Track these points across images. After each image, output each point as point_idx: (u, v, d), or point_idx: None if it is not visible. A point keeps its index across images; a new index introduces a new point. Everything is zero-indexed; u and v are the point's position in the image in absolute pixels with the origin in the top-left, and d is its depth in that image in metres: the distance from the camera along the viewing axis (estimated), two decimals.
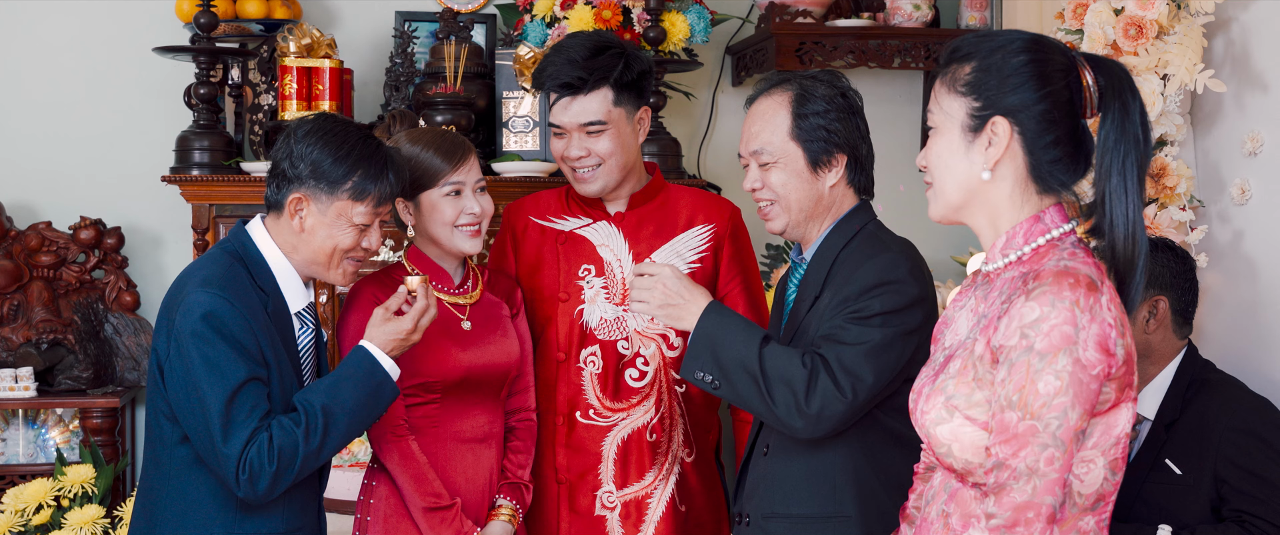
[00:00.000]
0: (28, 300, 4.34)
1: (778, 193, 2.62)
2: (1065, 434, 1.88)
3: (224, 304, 2.46)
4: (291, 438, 2.46)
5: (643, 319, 3.03)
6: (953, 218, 2.11)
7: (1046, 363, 1.88)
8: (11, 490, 3.86)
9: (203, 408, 2.45)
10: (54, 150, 4.49)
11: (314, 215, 2.57)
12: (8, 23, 4.47)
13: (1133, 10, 3.32)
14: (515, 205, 3.20)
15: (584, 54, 2.99)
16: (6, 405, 4.20)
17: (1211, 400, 2.94)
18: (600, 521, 3.08)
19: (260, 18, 4.28)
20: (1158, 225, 3.32)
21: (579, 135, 3.00)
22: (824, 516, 2.52)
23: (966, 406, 1.98)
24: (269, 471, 2.44)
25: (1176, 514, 2.86)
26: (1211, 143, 3.46)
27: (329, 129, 2.59)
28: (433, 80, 4.13)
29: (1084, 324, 1.88)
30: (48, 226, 4.37)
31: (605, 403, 3.06)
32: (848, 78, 2.73)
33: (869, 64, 4.37)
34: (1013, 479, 1.89)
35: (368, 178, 2.57)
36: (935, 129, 2.09)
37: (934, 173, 2.10)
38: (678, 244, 3.09)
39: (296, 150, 2.57)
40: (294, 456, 2.46)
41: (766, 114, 2.64)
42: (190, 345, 2.45)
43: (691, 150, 4.66)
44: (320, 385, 2.56)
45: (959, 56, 2.08)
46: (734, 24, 4.67)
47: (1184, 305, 3.02)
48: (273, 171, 2.61)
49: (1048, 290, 1.90)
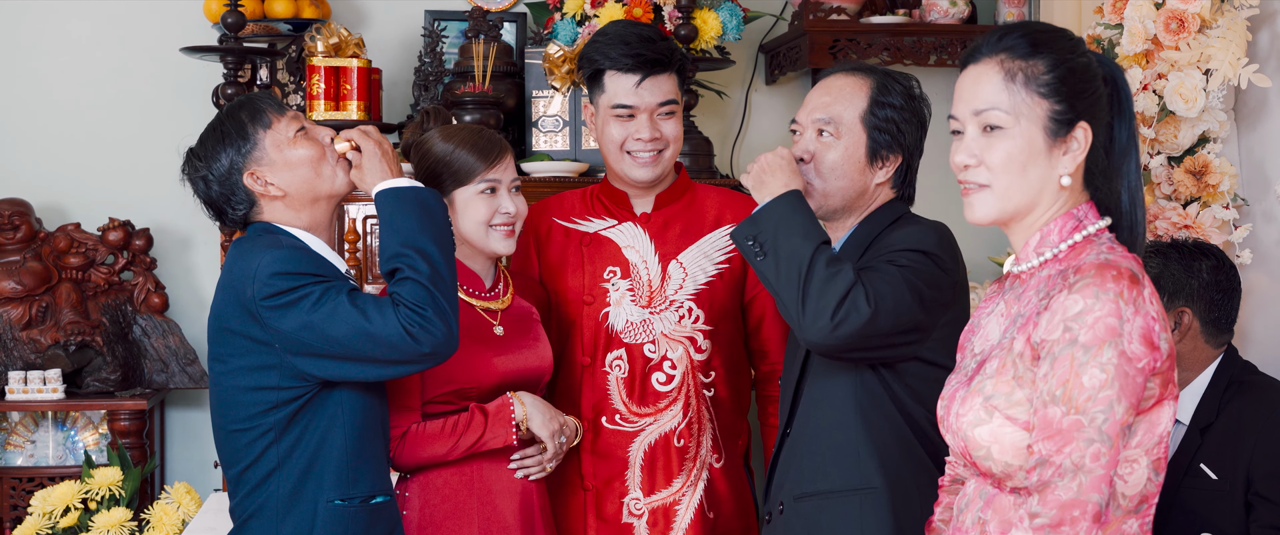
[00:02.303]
0: (56, 302, 4.34)
1: (824, 175, 2.60)
2: (1111, 428, 1.84)
3: (290, 255, 2.46)
4: (410, 287, 2.44)
5: (670, 320, 2.99)
6: (1000, 222, 2.04)
7: (1091, 355, 1.84)
8: (40, 492, 3.86)
9: (327, 336, 2.42)
10: (83, 151, 4.50)
11: (272, 169, 2.58)
12: (37, 24, 4.48)
13: (1174, 4, 3.25)
14: (538, 206, 3.16)
15: (655, 33, 2.98)
16: (35, 407, 4.20)
17: (1247, 402, 2.87)
18: (628, 529, 3.03)
19: (288, 17, 4.27)
20: (1200, 224, 3.26)
21: (652, 117, 2.97)
22: (851, 489, 2.49)
23: (1007, 406, 1.94)
24: (424, 315, 2.42)
25: (1214, 521, 2.79)
26: (1256, 139, 3.39)
27: (213, 124, 2.66)
28: (462, 79, 4.12)
29: (1129, 316, 1.85)
30: (76, 228, 4.38)
31: (631, 407, 3.01)
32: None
33: (904, 61, 4.32)
34: (1058, 476, 1.85)
35: (263, 101, 2.63)
36: (1001, 129, 1.99)
37: (998, 174, 2.00)
38: (705, 244, 3.05)
39: (208, 152, 2.64)
40: (428, 294, 2.44)
41: (845, 89, 2.63)
42: (279, 304, 2.43)
43: (724, 149, 4.62)
44: (381, 250, 2.55)
45: (1022, 52, 2.01)
46: (767, 21, 4.62)
47: (1217, 315, 2.93)
48: (209, 201, 2.67)
49: (1091, 283, 1.87)
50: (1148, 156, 3.36)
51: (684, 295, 3.00)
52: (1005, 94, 1.99)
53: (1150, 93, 3.32)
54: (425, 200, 2.55)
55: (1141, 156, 3.33)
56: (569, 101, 4.12)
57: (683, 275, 3.01)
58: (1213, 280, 2.93)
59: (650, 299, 3.00)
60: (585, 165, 4.09)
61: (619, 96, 2.96)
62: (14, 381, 4.19)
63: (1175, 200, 3.32)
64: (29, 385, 4.17)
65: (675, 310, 3.00)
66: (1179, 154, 3.32)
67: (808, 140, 2.63)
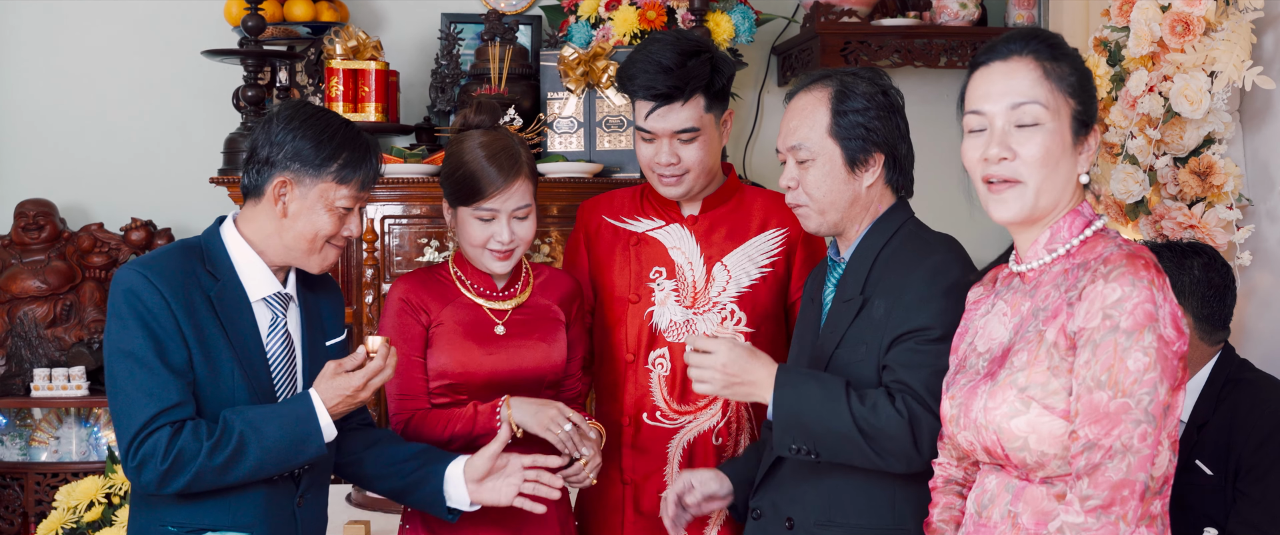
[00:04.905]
0: (80, 300, 4.40)
1: (812, 194, 2.57)
2: (1156, 409, 1.90)
3: (142, 281, 2.39)
4: (195, 446, 2.36)
5: (713, 322, 3.00)
6: (1033, 218, 2.08)
7: (1134, 340, 1.90)
8: (64, 487, 3.89)
9: (112, 383, 2.40)
10: (106, 152, 4.56)
11: (296, 199, 2.50)
12: (59, 28, 4.54)
13: (1180, 6, 3.27)
14: (589, 204, 3.17)
15: (675, 61, 2.90)
16: (59, 404, 4.27)
17: (1242, 399, 2.90)
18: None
19: (307, 21, 4.32)
20: (1205, 224, 3.28)
21: (670, 142, 2.94)
22: (883, 528, 2.48)
23: (1043, 396, 1.98)
24: (159, 468, 2.35)
25: (1212, 516, 2.82)
26: (1260, 141, 3.41)
27: (310, 114, 2.54)
28: (478, 81, 4.15)
29: (1161, 302, 1.93)
30: (100, 228, 4.43)
31: (672, 405, 3.03)
32: (892, 77, 2.69)
33: (915, 63, 4.35)
34: (1108, 458, 1.90)
35: (352, 161, 2.51)
36: (1039, 124, 2.04)
37: (1033, 169, 2.04)
38: (750, 248, 3.04)
39: (277, 135, 2.51)
40: (189, 465, 2.36)
41: (805, 110, 2.59)
42: (110, 320, 2.41)
43: (737, 150, 4.66)
44: (254, 411, 2.46)
45: (1049, 54, 2.07)
46: (779, 24, 4.65)
47: (1210, 312, 2.94)
48: (251, 158, 2.55)
49: (1126, 271, 1.93)
50: (1154, 157, 3.38)
51: (727, 297, 3.01)
52: (1042, 89, 2.04)
53: (1156, 94, 3.32)
54: (307, 444, 2.47)
55: (1147, 157, 3.38)
56: (584, 103, 4.14)
57: (727, 278, 3.02)
58: (1204, 277, 2.94)
59: (694, 300, 3.02)
60: (599, 166, 4.12)
61: (639, 120, 2.96)
62: (39, 378, 4.26)
63: (1180, 201, 3.33)
64: (53, 382, 4.24)
65: (718, 312, 3.01)
66: (1184, 155, 3.33)
67: (789, 168, 2.60)
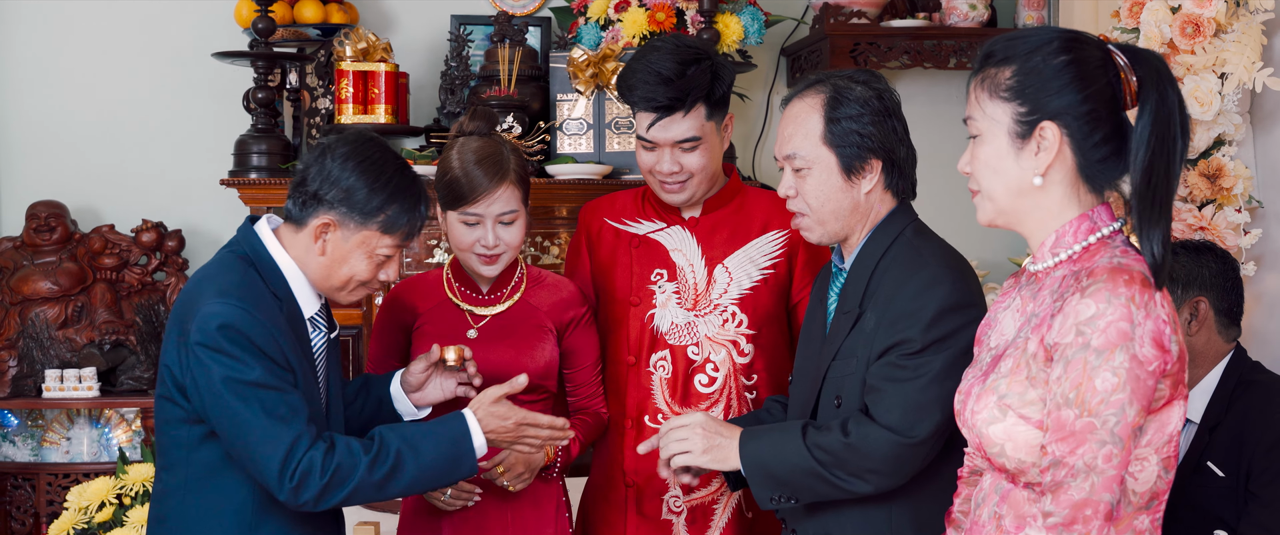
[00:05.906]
0: (91, 302, 4.41)
1: (810, 204, 2.54)
2: (1123, 431, 1.88)
3: (241, 314, 2.35)
4: (353, 459, 2.36)
5: (714, 324, 3.00)
6: (1001, 223, 2.10)
7: (1103, 359, 1.88)
8: (75, 488, 3.91)
9: (235, 419, 2.34)
10: (117, 154, 4.58)
11: (337, 242, 2.46)
12: (69, 30, 4.55)
13: (1190, 8, 3.27)
14: (591, 206, 3.17)
15: (674, 71, 2.87)
16: (71, 405, 4.29)
17: (1254, 400, 2.90)
18: (667, 526, 3.05)
19: (317, 22, 4.33)
20: (1214, 226, 3.27)
21: (672, 151, 2.93)
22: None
23: (1020, 405, 1.98)
24: (318, 483, 2.34)
25: (1223, 518, 2.82)
26: (1271, 143, 3.40)
27: (367, 155, 2.47)
28: (488, 83, 4.15)
29: (1140, 320, 1.88)
30: (111, 229, 4.45)
31: (674, 407, 3.02)
32: (901, 79, 2.67)
33: (924, 65, 4.34)
34: (1070, 476, 1.89)
35: (401, 212, 2.46)
36: (980, 136, 2.07)
37: (980, 179, 2.08)
38: (751, 249, 3.03)
39: (331, 172, 2.45)
40: (349, 479, 2.36)
41: (799, 117, 2.56)
42: (209, 358, 2.34)
43: (746, 152, 4.66)
44: (406, 428, 2.46)
45: (995, 60, 2.06)
46: (788, 25, 4.65)
47: (1228, 305, 2.96)
48: (299, 185, 2.48)
49: (1103, 287, 1.90)
50: None
51: (728, 299, 3.00)
52: (983, 103, 2.06)
53: None
54: (461, 463, 2.49)
55: None
56: (593, 105, 4.14)
57: (728, 280, 3.01)
58: (1221, 270, 2.96)
59: (695, 302, 3.01)
60: (609, 168, 4.12)
61: (641, 130, 2.95)
62: (50, 380, 4.27)
63: (1190, 202, 3.33)
64: (65, 383, 4.26)
65: (719, 314, 3.00)
66: (1194, 157, 3.33)
67: (786, 177, 2.57)
